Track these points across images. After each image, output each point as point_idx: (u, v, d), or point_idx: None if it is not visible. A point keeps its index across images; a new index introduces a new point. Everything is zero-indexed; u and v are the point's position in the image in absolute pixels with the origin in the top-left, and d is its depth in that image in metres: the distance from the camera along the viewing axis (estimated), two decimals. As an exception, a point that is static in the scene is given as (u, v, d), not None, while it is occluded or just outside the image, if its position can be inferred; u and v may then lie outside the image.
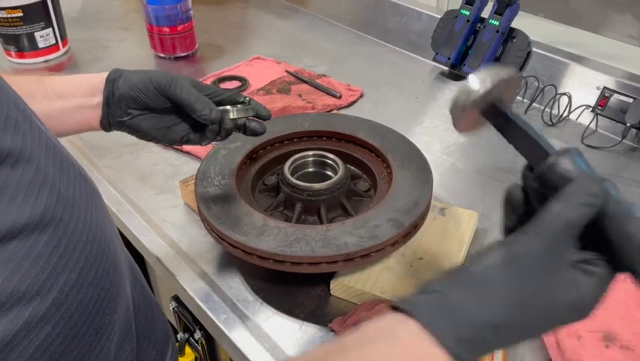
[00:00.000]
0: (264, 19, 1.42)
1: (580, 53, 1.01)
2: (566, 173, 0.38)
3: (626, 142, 0.90)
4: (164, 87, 0.59)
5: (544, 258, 0.36)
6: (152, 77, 0.59)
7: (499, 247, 0.37)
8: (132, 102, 0.60)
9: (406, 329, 0.35)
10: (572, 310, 0.37)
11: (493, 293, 0.35)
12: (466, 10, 1.06)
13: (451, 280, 0.37)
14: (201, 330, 0.75)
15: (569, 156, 0.39)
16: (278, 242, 0.59)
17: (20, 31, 1.13)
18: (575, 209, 0.36)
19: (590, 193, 0.36)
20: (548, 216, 0.36)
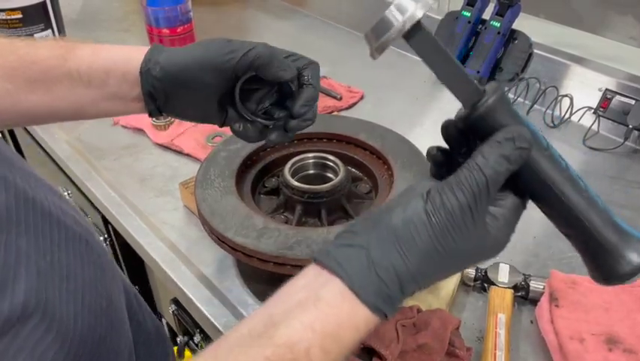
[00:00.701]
0: (263, 20, 1.41)
1: (581, 54, 1.00)
2: (501, 120, 0.38)
3: (629, 144, 0.89)
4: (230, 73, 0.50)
5: (466, 215, 0.36)
6: (203, 57, 0.49)
7: (420, 198, 0.37)
8: (185, 95, 0.52)
9: (330, 290, 0.35)
10: (487, 253, 0.39)
11: (416, 250, 0.36)
12: (467, 12, 1.06)
13: (373, 233, 0.37)
14: (201, 333, 0.75)
15: (501, 99, 0.38)
16: (278, 244, 0.58)
17: (20, 32, 1.12)
18: (502, 165, 0.36)
19: (519, 147, 0.36)
20: (475, 172, 0.36)
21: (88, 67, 0.51)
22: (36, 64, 0.50)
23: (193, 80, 0.50)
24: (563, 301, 0.60)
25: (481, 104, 0.38)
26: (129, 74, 0.51)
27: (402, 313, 0.58)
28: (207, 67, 0.49)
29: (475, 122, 0.38)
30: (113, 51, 0.52)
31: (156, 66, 0.50)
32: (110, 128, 0.97)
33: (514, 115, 0.39)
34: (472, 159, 0.37)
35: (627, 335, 0.57)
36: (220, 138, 0.89)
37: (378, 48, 0.39)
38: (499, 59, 1.04)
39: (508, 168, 0.36)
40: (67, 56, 0.51)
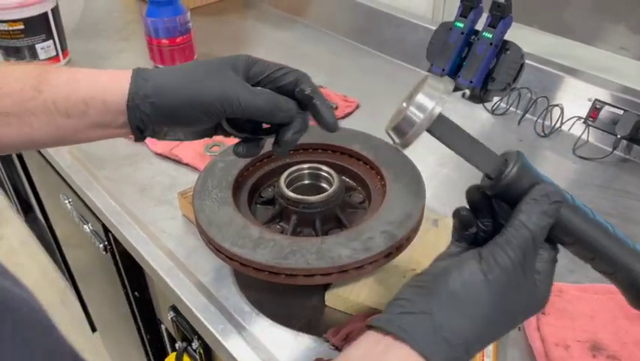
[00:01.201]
0: (261, 30, 1.44)
1: (572, 64, 1.02)
2: (526, 183, 0.41)
3: (617, 153, 0.91)
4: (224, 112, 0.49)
5: (518, 271, 0.39)
6: (197, 100, 0.48)
7: (474, 260, 0.39)
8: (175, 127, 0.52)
9: (396, 355, 0.36)
10: (537, 307, 0.41)
11: (479, 310, 0.38)
12: (460, 23, 1.08)
13: (433, 298, 0.39)
14: (199, 340, 0.76)
15: (523, 164, 0.42)
16: (273, 254, 0.60)
17: (21, 43, 1.14)
18: (543, 220, 0.39)
19: (553, 201, 0.40)
20: (521, 230, 0.39)
21: (65, 98, 0.48)
22: (8, 96, 0.47)
23: (186, 118, 0.49)
24: (550, 309, 0.62)
25: (507, 174, 0.41)
26: (112, 104, 0.49)
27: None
28: (202, 110, 0.49)
29: (503, 189, 0.42)
30: (91, 79, 0.49)
31: (145, 102, 0.48)
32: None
33: (538, 175, 0.42)
34: (514, 218, 0.40)
35: (611, 341, 0.59)
36: (218, 148, 0.91)
37: (403, 145, 0.44)
38: (491, 70, 1.06)
39: (548, 222, 0.40)
40: (41, 87, 0.48)
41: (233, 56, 0.52)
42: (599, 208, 0.81)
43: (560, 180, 0.88)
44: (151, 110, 0.49)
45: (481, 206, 0.45)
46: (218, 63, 0.51)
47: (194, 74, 0.49)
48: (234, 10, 1.54)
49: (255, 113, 0.50)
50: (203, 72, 0.49)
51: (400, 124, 0.43)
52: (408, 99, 0.45)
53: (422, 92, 0.43)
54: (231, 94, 0.48)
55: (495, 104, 1.04)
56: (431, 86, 0.43)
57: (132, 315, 1.05)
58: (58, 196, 1.11)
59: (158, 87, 0.48)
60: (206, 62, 0.51)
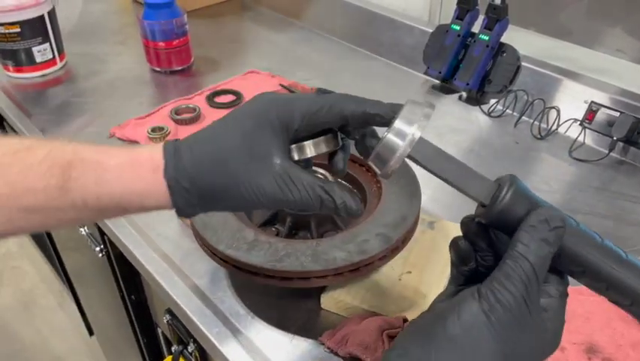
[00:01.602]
0: (258, 32, 1.44)
1: (568, 67, 1.03)
2: (522, 209, 0.38)
3: (613, 155, 0.91)
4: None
5: (522, 307, 0.35)
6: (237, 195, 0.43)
7: (473, 299, 0.36)
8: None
9: None
10: (547, 349, 0.38)
11: (482, 355, 0.35)
12: (457, 25, 1.08)
13: (429, 347, 0.36)
14: (195, 343, 0.76)
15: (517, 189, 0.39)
16: (268, 257, 0.60)
17: (18, 46, 1.14)
18: (544, 249, 0.36)
19: (554, 227, 0.36)
20: (520, 261, 0.36)
21: (96, 198, 0.44)
22: (31, 193, 0.43)
23: (233, 206, 0.47)
24: (546, 311, 0.62)
25: (500, 200, 0.38)
26: (152, 206, 0.45)
27: (388, 323, 0.59)
28: (243, 205, 0.45)
29: (497, 216, 0.39)
30: (122, 181, 0.44)
31: (190, 196, 0.44)
32: (106, 141, 0.98)
33: (535, 199, 0.39)
34: (511, 248, 0.36)
35: (607, 343, 0.59)
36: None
37: (385, 175, 0.42)
38: (488, 72, 1.06)
39: (550, 251, 0.36)
40: (67, 186, 0.43)
41: (286, 115, 0.44)
42: (595, 210, 0.81)
43: (557, 182, 0.88)
44: (197, 198, 0.44)
45: (478, 237, 0.41)
46: (262, 135, 0.44)
47: (233, 154, 0.43)
48: (231, 12, 1.55)
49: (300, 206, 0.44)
50: (244, 152, 0.43)
51: (380, 152, 0.41)
52: (388, 128, 0.43)
53: (400, 118, 0.41)
54: (275, 191, 0.43)
55: (491, 107, 1.04)
56: (409, 111, 0.42)
57: (129, 318, 1.05)
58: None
59: (195, 173, 0.43)
60: (248, 131, 0.44)
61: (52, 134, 1.01)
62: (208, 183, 0.43)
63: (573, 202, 0.83)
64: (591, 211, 0.81)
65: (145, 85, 1.18)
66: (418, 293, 0.64)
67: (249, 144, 0.43)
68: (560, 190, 0.86)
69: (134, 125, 1.01)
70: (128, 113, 1.04)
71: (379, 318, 0.60)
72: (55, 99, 1.12)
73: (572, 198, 0.84)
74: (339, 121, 0.45)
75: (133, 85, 1.18)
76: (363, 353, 0.57)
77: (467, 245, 0.41)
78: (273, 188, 0.43)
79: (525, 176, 0.89)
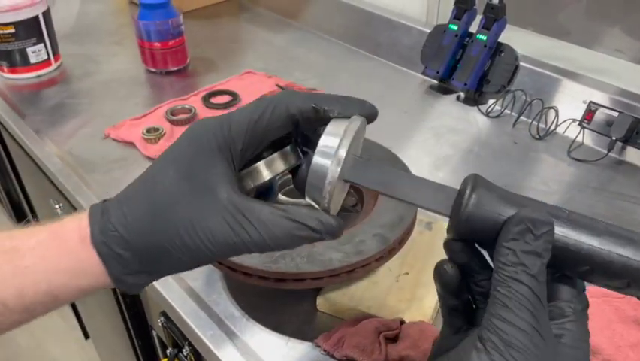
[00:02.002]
0: (255, 33, 1.43)
1: (567, 67, 1.02)
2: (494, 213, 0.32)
3: (612, 155, 0.90)
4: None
5: (535, 339, 0.29)
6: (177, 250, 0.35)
7: (476, 352, 0.29)
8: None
9: None
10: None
11: None
12: (455, 25, 1.07)
13: None
14: (189, 346, 0.75)
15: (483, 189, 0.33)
16: (263, 258, 0.59)
17: (12, 46, 1.13)
18: (535, 263, 0.30)
19: (541, 233, 0.30)
20: (514, 284, 0.30)
21: (17, 296, 0.36)
22: None
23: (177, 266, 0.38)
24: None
25: (464, 206, 0.32)
26: (86, 278, 0.37)
27: (385, 324, 0.59)
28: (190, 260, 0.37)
29: (466, 227, 0.33)
30: (45, 264, 0.36)
31: (127, 262, 0.36)
32: (101, 142, 0.98)
33: (507, 196, 0.33)
34: (497, 272, 0.30)
35: (607, 345, 0.58)
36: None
37: (323, 204, 0.35)
38: (486, 72, 1.05)
39: (542, 263, 0.30)
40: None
41: (224, 134, 0.36)
42: (594, 211, 0.80)
43: (555, 182, 0.87)
44: (137, 264, 0.36)
45: (466, 259, 0.34)
46: (200, 166, 0.36)
47: (169, 197, 0.35)
48: (228, 13, 1.54)
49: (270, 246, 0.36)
50: (184, 190, 0.35)
51: (310, 180, 0.34)
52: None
53: (324, 135, 0.35)
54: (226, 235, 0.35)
55: (490, 107, 1.04)
56: (334, 125, 0.35)
57: (124, 322, 1.04)
58: (49, 201, 1.10)
59: (128, 231, 0.36)
60: (183, 165, 0.36)
61: (46, 135, 1.00)
62: (145, 241, 0.35)
63: (572, 203, 0.82)
64: (590, 212, 0.80)
65: (140, 86, 1.18)
66: (416, 295, 0.63)
67: (188, 180, 0.35)
68: (559, 191, 0.85)
69: (129, 125, 1.00)
70: (123, 114, 1.03)
71: (376, 320, 0.59)
72: (50, 100, 1.11)
73: (570, 199, 0.83)
74: (288, 123, 0.37)
75: (128, 86, 1.17)
76: (360, 355, 0.56)
77: (454, 270, 0.34)
78: (223, 230, 0.34)
79: (524, 176, 0.88)
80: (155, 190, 0.36)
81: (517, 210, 0.31)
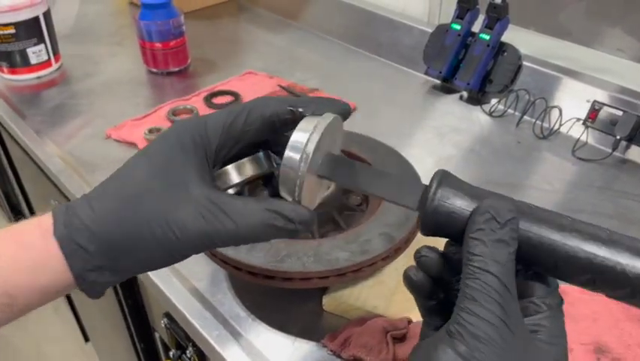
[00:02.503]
0: (256, 33, 1.42)
1: (570, 66, 1.02)
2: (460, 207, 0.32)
3: (616, 154, 0.90)
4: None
5: (505, 336, 0.29)
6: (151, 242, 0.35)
7: (444, 344, 0.29)
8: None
9: None
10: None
11: None
12: (457, 25, 1.07)
13: None
14: (193, 347, 0.75)
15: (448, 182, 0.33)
16: (269, 258, 0.59)
17: (13, 47, 1.13)
18: (502, 252, 0.30)
19: (505, 221, 0.30)
20: (480, 275, 0.30)
21: None
22: None
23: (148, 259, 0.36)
24: (553, 312, 0.61)
25: (430, 200, 0.33)
26: (45, 275, 0.35)
27: (392, 324, 0.58)
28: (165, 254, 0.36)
29: (432, 221, 0.33)
30: (1, 257, 0.35)
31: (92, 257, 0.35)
32: (102, 142, 0.97)
33: (473, 191, 0.33)
34: (465, 264, 0.30)
35: (615, 344, 0.57)
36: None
37: (294, 196, 0.36)
38: (488, 71, 1.05)
39: (510, 252, 0.30)
40: None
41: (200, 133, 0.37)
42: (599, 210, 0.80)
43: (559, 182, 0.87)
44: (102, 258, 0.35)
45: (437, 271, 0.34)
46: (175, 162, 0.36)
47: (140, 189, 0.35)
48: (228, 13, 1.53)
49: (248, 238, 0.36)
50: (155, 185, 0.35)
51: (282, 173, 0.35)
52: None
53: (295, 131, 0.36)
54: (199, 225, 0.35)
55: (493, 106, 1.03)
56: (305, 122, 0.36)
57: (125, 323, 1.03)
58: (50, 202, 1.09)
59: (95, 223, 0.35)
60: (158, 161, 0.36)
61: (47, 135, 0.99)
62: (112, 231, 0.34)
63: (576, 202, 0.82)
64: (595, 211, 0.80)
65: (141, 86, 1.17)
66: None
67: (161, 173, 0.35)
68: (563, 190, 0.85)
69: (131, 126, 0.99)
70: (124, 115, 1.03)
71: (383, 319, 0.59)
72: (51, 101, 1.11)
73: (575, 198, 0.83)
74: (265, 127, 0.38)
75: (129, 86, 1.16)
76: (367, 355, 0.55)
77: (422, 276, 0.34)
78: (195, 221, 0.34)
79: (527, 176, 0.88)
80: (126, 184, 0.36)
81: (480, 201, 0.32)
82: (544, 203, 0.83)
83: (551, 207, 0.33)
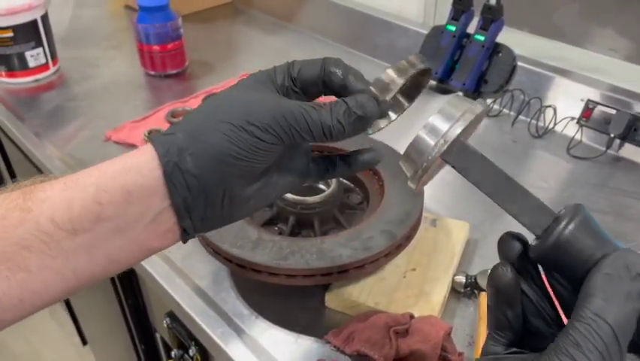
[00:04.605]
0: (252, 36, 1.43)
1: (564, 66, 1.03)
2: (588, 247, 0.30)
3: (611, 152, 0.92)
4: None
5: None
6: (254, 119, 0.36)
7: None
8: (236, 179, 0.37)
9: None
10: None
11: None
12: (452, 26, 1.09)
13: None
14: (196, 345, 0.75)
15: (584, 220, 0.30)
16: (273, 255, 0.60)
17: (11, 50, 1.13)
18: (626, 306, 0.27)
19: (636, 274, 0.28)
20: (593, 323, 0.27)
21: (66, 208, 0.33)
22: None
23: (246, 154, 0.36)
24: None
25: (558, 231, 0.30)
26: (139, 187, 0.35)
27: (395, 319, 0.59)
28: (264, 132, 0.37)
29: (552, 253, 0.30)
30: (96, 171, 0.35)
31: (183, 157, 0.35)
32: (102, 144, 0.98)
33: (605, 236, 0.31)
34: (582, 305, 0.28)
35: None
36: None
37: (414, 178, 0.35)
38: (484, 72, 1.07)
39: (635, 309, 0.27)
40: (28, 205, 0.33)
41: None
42: (594, 207, 0.81)
43: (555, 179, 0.88)
44: (194, 164, 0.35)
45: (522, 269, 0.32)
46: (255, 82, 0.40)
47: (233, 96, 0.38)
48: (225, 16, 1.54)
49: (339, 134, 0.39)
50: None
51: (408, 151, 0.35)
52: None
53: (438, 112, 0.34)
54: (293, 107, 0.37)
55: (488, 106, 1.05)
56: (451, 104, 0.35)
57: (126, 324, 1.03)
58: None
59: (193, 128, 0.36)
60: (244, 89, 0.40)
61: (46, 138, 1.00)
62: (198, 120, 0.37)
63: (572, 199, 0.83)
64: (590, 208, 0.80)
65: (139, 89, 1.18)
66: (423, 290, 0.64)
67: (249, 89, 0.39)
68: (559, 188, 0.86)
69: (130, 128, 1.00)
70: (122, 117, 1.03)
71: (386, 315, 0.60)
72: (49, 104, 1.11)
73: (570, 195, 0.85)
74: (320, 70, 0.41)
75: (127, 89, 1.17)
76: (371, 349, 0.56)
77: (513, 276, 0.31)
78: (290, 106, 0.37)
79: (524, 174, 0.89)
80: (222, 98, 0.38)
81: (612, 249, 0.30)
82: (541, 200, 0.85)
83: (547, 204, 0.33)
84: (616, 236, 0.34)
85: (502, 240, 0.33)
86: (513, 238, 0.33)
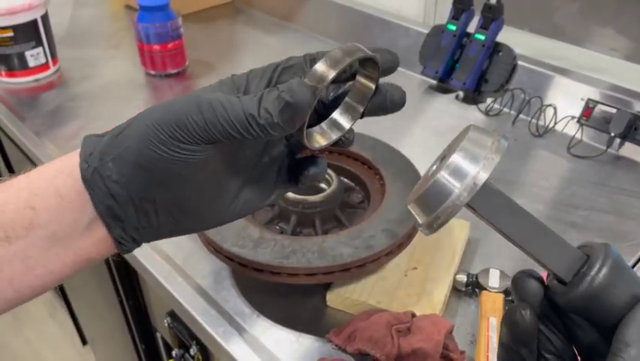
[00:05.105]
0: (252, 35, 1.43)
1: (564, 65, 1.03)
2: (620, 293, 0.28)
3: (611, 151, 0.92)
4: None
5: None
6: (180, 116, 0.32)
7: None
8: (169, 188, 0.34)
9: None
10: None
11: None
12: (453, 25, 1.09)
13: None
14: (197, 345, 0.75)
15: (615, 264, 0.28)
16: (275, 254, 0.60)
17: (11, 50, 1.13)
18: None
19: None
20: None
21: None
22: None
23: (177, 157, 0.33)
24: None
25: (591, 279, 0.28)
26: (68, 189, 0.33)
27: (397, 318, 0.59)
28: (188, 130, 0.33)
29: (582, 300, 0.28)
30: (29, 176, 0.34)
31: (105, 163, 0.33)
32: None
33: (637, 279, 0.29)
34: (617, 354, 0.26)
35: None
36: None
37: (429, 226, 0.30)
38: (484, 71, 1.07)
39: None
40: None
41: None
42: (595, 206, 0.81)
43: (556, 178, 0.88)
44: (117, 170, 0.32)
45: (544, 313, 0.30)
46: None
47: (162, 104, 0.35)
48: (225, 16, 1.54)
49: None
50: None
51: (427, 195, 0.30)
52: (440, 160, 0.32)
53: (460, 150, 0.29)
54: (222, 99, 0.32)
55: (489, 105, 1.05)
56: (474, 142, 0.30)
57: (127, 324, 1.03)
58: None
59: (121, 131, 0.34)
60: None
61: (47, 137, 1.00)
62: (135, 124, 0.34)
63: (573, 198, 0.83)
64: (591, 206, 0.82)
65: (140, 88, 1.18)
66: (425, 289, 0.64)
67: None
68: (559, 186, 0.86)
69: (131, 127, 1.00)
70: (123, 117, 1.01)
71: (387, 314, 0.60)
72: (49, 104, 1.11)
73: (571, 194, 0.85)
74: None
75: (127, 89, 1.17)
76: (373, 348, 0.56)
77: (533, 320, 0.29)
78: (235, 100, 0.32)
79: (525, 173, 0.89)
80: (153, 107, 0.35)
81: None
82: (542, 199, 0.85)
83: (548, 203, 0.33)
84: (617, 235, 0.34)
85: (518, 279, 0.31)
86: (530, 278, 0.31)
